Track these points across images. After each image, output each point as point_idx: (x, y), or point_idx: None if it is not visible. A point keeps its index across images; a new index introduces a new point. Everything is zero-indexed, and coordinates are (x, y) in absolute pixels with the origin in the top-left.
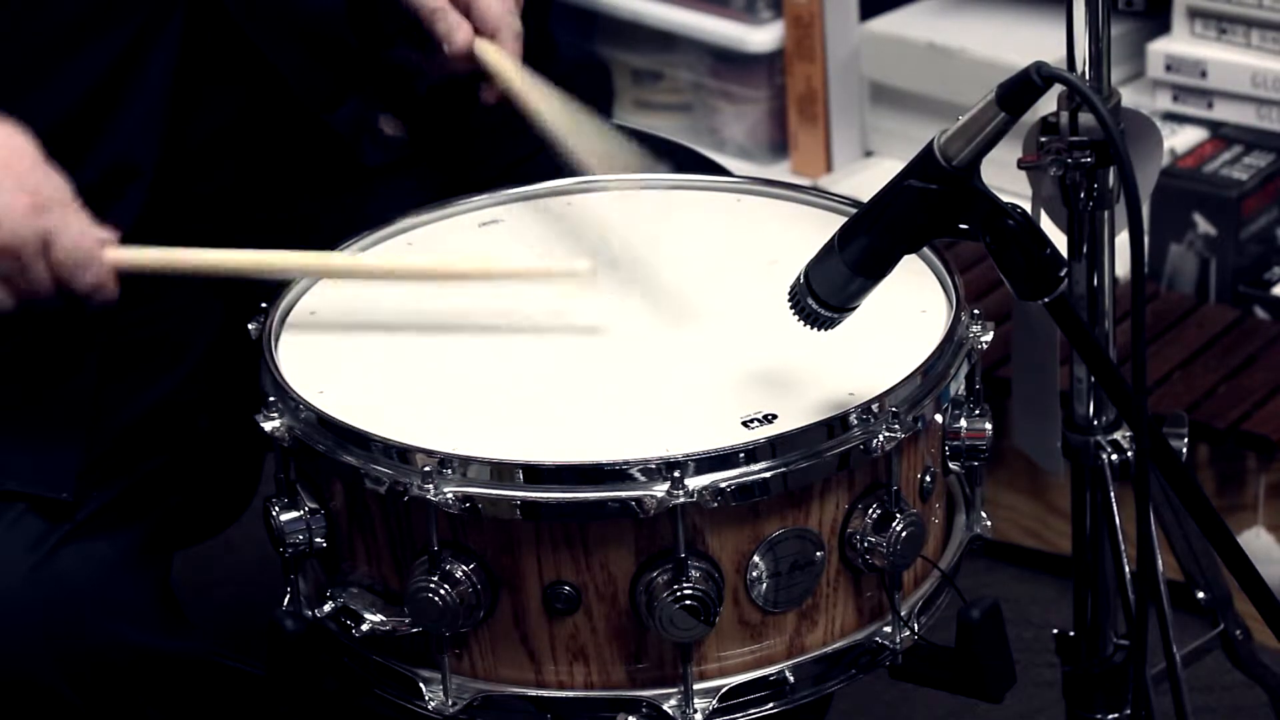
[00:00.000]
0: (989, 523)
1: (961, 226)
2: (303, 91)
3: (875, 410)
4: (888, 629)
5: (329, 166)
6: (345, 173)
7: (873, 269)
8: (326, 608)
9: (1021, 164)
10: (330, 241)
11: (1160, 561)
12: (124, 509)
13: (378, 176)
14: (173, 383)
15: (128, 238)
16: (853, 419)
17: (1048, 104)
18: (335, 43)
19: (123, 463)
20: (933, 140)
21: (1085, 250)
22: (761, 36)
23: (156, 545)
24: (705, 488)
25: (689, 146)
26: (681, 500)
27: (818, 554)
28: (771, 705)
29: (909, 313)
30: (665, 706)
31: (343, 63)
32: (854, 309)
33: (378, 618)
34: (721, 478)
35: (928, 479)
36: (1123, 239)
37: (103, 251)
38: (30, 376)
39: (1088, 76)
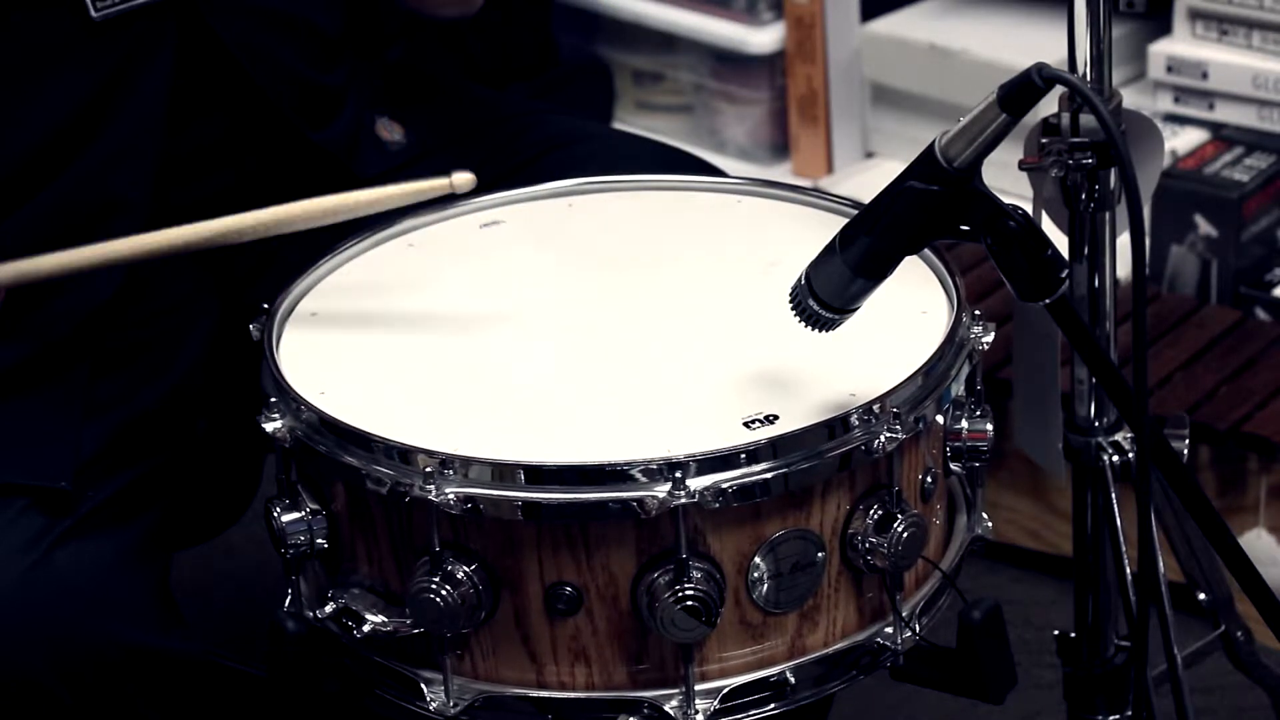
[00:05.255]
0: (990, 524)
1: (963, 228)
2: (294, 112)
3: (876, 411)
4: (889, 630)
5: (324, 176)
6: (341, 183)
7: (874, 270)
8: (328, 609)
9: (1023, 165)
10: (326, 242)
11: (1161, 563)
12: (121, 508)
13: (378, 181)
14: (169, 383)
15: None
16: (854, 420)
17: (1049, 105)
18: (331, 49)
19: (119, 461)
20: (934, 142)
21: (1086, 252)
22: (762, 38)
23: (154, 545)
24: (706, 488)
25: (687, 151)
26: (683, 501)
27: (819, 555)
28: (773, 706)
29: (910, 313)
30: (666, 707)
31: (339, 69)
32: (855, 310)
33: (379, 619)
34: (723, 478)
35: (929, 480)
36: (1124, 240)
37: None
38: (23, 370)
39: (1089, 78)
